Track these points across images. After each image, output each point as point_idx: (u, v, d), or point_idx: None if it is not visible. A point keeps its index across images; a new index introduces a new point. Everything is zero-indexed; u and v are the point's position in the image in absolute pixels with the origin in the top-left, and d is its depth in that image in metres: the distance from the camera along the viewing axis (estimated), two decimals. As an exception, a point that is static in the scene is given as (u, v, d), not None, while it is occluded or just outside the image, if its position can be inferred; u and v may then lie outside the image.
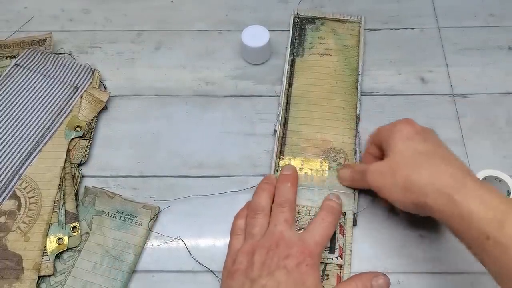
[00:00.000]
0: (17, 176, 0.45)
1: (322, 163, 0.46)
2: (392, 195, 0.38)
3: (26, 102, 0.49)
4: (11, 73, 0.51)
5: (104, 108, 0.50)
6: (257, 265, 0.36)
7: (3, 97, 0.50)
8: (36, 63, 0.52)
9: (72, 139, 0.48)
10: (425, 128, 0.41)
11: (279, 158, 0.46)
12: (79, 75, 0.52)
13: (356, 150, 0.47)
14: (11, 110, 0.49)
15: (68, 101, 0.50)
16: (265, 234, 0.38)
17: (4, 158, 0.46)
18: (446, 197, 0.34)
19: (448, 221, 0.34)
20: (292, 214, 0.39)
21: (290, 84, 0.51)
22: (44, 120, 0.48)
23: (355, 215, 0.43)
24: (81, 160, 0.47)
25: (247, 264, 0.36)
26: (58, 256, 0.41)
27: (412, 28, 0.56)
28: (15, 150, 0.46)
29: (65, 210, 0.43)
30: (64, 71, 0.52)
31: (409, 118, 0.42)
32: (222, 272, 0.38)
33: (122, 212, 0.44)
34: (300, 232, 0.38)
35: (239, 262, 0.37)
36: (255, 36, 0.51)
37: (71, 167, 0.46)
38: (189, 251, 0.42)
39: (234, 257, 0.37)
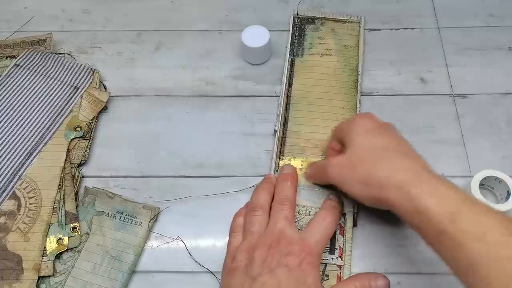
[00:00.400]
0: (17, 176, 0.45)
1: (322, 163, 0.46)
2: (352, 189, 0.38)
3: (26, 102, 0.49)
4: (11, 73, 0.51)
5: (104, 108, 0.50)
6: (257, 262, 0.35)
7: (3, 97, 0.50)
8: (36, 63, 0.52)
9: (72, 139, 0.48)
10: (385, 122, 0.41)
11: (279, 158, 0.47)
12: (79, 75, 0.52)
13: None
14: (11, 110, 0.49)
15: (68, 101, 0.50)
16: (265, 231, 0.38)
17: (4, 158, 0.46)
18: (403, 191, 0.34)
19: (405, 215, 0.34)
20: (292, 212, 0.40)
21: (290, 84, 0.51)
22: (44, 120, 0.48)
23: (355, 215, 0.43)
24: (81, 160, 0.47)
25: (247, 262, 0.36)
26: (58, 256, 0.41)
27: (412, 28, 0.56)
28: (15, 150, 0.46)
29: (65, 211, 0.43)
30: (64, 71, 0.52)
31: (369, 112, 0.42)
32: (222, 271, 0.38)
33: (122, 213, 0.44)
34: (301, 230, 0.39)
35: (238, 260, 0.36)
36: (255, 36, 0.51)
37: (71, 167, 0.46)
38: (189, 252, 0.42)
39: (233, 255, 0.37)
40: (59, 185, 0.44)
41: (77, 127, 0.48)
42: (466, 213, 0.31)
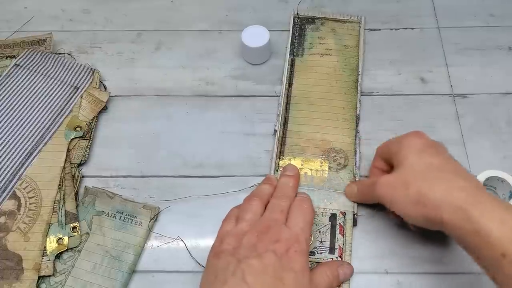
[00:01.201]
0: (17, 176, 0.45)
1: (322, 163, 0.46)
2: (403, 209, 0.37)
3: (26, 102, 0.49)
4: (11, 73, 0.51)
5: (104, 108, 0.50)
6: (245, 246, 0.35)
7: (3, 97, 0.50)
8: (36, 63, 0.52)
9: (72, 139, 0.48)
10: (436, 141, 0.41)
11: (279, 158, 0.47)
12: (79, 75, 0.52)
13: (356, 150, 0.47)
14: (11, 110, 0.49)
15: (68, 101, 0.50)
16: (259, 220, 0.38)
17: (4, 158, 0.46)
18: (462, 212, 0.33)
19: (462, 237, 0.34)
20: (288, 208, 0.39)
21: (290, 84, 0.51)
22: (44, 120, 0.48)
23: (355, 215, 0.43)
24: (81, 160, 0.47)
25: (235, 245, 0.36)
26: (58, 256, 0.41)
27: (412, 28, 0.56)
28: (15, 150, 0.46)
29: (65, 210, 0.43)
30: (64, 71, 0.52)
31: (419, 131, 0.41)
32: (208, 253, 0.38)
33: (122, 212, 0.44)
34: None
35: (227, 243, 0.36)
36: (255, 36, 0.51)
37: (71, 167, 0.46)
38: (189, 252, 0.42)
39: (222, 239, 0.37)
40: (59, 185, 0.44)
41: (77, 127, 0.48)
42: None
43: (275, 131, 0.48)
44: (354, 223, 0.43)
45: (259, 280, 0.33)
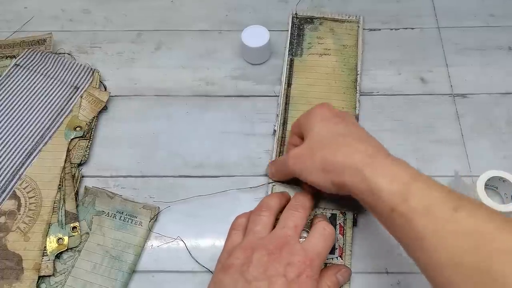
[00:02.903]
0: (17, 176, 0.45)
1: (322, 163, 0.46)
2: (312, 177, 0.38)
3: (26, 102, 0.49)
4: (11, 73, 0.51)
5: (104, 108, 0.50)
6: (255, 265, 0.34)
7: (3, 97, 0.50)
8: (36, 63, 0.52)
9: (72, 139, 0.48)
10: (342, 111, 0.42)
11: (279, 158, 0.46)
12: (79, 75, 0.52)
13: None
14: (11, 110, 0.49)
15: (68, 101, 0.50)
16: (270, 234, 0.36)
17: (4, 158, 0.46)
18: (359, 173, 0.35)
19: (361, 197, 0.35)
20: (303, 222, 0.38)
21: (289, 84, 0.51)
22: (44, 120, 0.48)
23: (355, 215, 0.43)
24: (81, 160, 0.47)
25: (244, 261, 0.34)
26: (58, 256, 0.41)
27: (412, 28, 0.56)
28: (15, 150, 0.46)
29: (65, 210, 0.43)
30: (64, 71, 0.52)
31: (326, 102, 0.42)
32: (216, 265, 0.37)
33: (122, 212, 0.44)
34: (303, 241, 0.37)
35: (235, 257, 0.35)
36: (255, 36, 0.51)
37: (71, 167, 0.46)
38: (189, 252, 0.42)
39: (230, 251, 0.36)
40: (59, 185, 0.44)
41: (77, 127, 0.48)
42: (415, 190, 0.32)
43: (275, 131, 0.48)
44: (354, 223, 0.43)
45: None
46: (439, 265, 0.30)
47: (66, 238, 0.42)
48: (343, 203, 0.43)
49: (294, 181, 0.43)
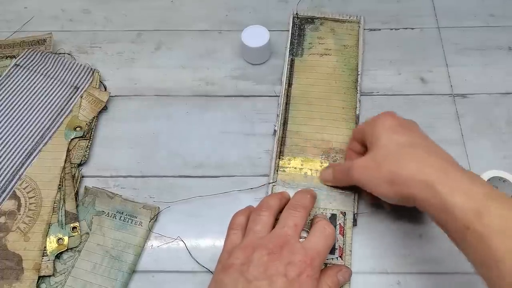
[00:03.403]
0: (17, 176, 0.45)
1: (322, 163, 0.46)
2: (378, 189, 0.38)
3: (26, 102, 0.49)
4: (11, 73, 0.51)
5: (104, 108, 0.50)
6: (255, 265, 0.34)
7: (3, 97, 0.50)
8: (36, 63, 0.52)
9: (72, 139, 0.48)
10: (408, 120, 0.41)
11: (279, 158, 0.46)
12: (79, 75, 0.52)
13: (356, 150, 0.47)
14: (11, 110, 0.49)
15: (68, 101, 0.50)
16: (270, 234, 0.36)
17: (4, 158, 0.46)
18: (429, 187, 0.34)
19: (431, 212, 0.34)
20: (303, 222, 0.38)
21: (289, 84, 0.51)
22: (44, 120, 0.48)
23: (355, 215, 0.43)
24: (81, 160, 0.47)
25: (244, 261, 0.34)
26: (58, 256, 0.41)
27: (412, 28, 0.56)
28: (15, 150, 0.46)
29: (65, 210, 0.43)
30: (64, 71, 0.52)
31: (391, 111, 0.41)
32: (216, 265, 0.37)
33: (122, 212, 0.44)
34: (303, 240, 0.37)
35: (235, 257, 0.35)
36: (255, 36, 0.51)
37: (71, 167, 0.46)
38: (189, 252, 0.42)
39: (231, 251, 0.36)
40: (59, 185, 0.44)
41: (77, 127, 0.48)
42: (492, 208, 0.31)
43: (275, 131, 0.48)
44: (354, 223, 0.43)
45: None
46: None
47: (66, 238, 0.42)
48: (343, 203, 0.43)
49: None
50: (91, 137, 0.48)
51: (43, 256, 0.41)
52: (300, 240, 0.37)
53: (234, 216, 0.40)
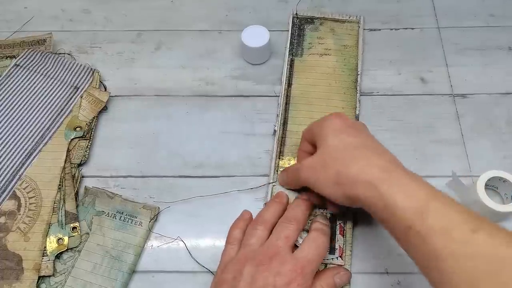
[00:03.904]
0: (17, 176, 0.45)
1: (322, 163, 0.46)
2: (325, 189, 0.37)
3: (26, 102, 0.49)
4: (11, 73, 0.51)
5: (104, 108, 0.50)
6: (245, 278, 0.34)
7: (3, 97, 0.50)
8: (36, 63, 0.52)
9: (72, 139, 0.48)
10: (356, 121, 0.41)
11: (279, 158, 0.46)
12: (79, 75, 0.52)
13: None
14: (11, 110, 0.49)
15: (68, 101, 0.50)
16: (262, 246, 0.37)
17: (4, 158, 0.46)
18: (372, 188, 0.34)
19: (375, 212, 0.34)
20: (296, 234, 0.38)
21: (289, 84, 0.51)
22: (44, 120, 0.48)
23: (355, 215, 0.43)
24: (81, 160, 0.47)
25: (235, 275, 0.35)
26: (58, 256, 0.41)
27: (412, 28, 0.56)
28: (15, 150, 0.46)
29: (65, 210, 0.43)
30: (64, 71, 0.52)
31: (340, 112, 0.42)
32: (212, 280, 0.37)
33: (122, 212, 0.44)
34: (295, 250, 0.37)
35: (227, 272, 0.36)
36: (255, 36, 0.51)
37: (71, 167, 0.46)
38: (189, 252, 0.42)
39: (224, 267, 0.37)
40: (59, 185, 0.44)
41: (77, 127, 0.48)
42: (433, 209, 0.31)
43: (275, 131, 0.48)
44: (354, 223, 0.43)
45: None
46: (455, 287, 0.29)
47: (66, 238, 0.42)
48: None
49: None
50: (91, 137, 0.48)
51: (43, 256, 0.41)
52: (299, 240, 0.37)
53: (231, 229, 0.40)
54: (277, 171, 0.46)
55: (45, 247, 0.41)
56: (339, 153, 0.37)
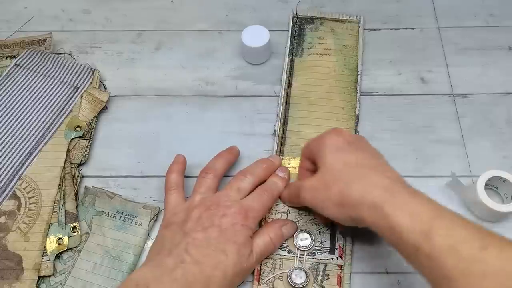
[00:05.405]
0: (17, 176, 0.45)
1: (322, 163, 0.46)
2: (329, 211, 0.37)
3: (26, 102, 0.49)
4: (11, 73, 0.51)
5: (104, 108, 0.50)
6: (193, 219, 0.38)
7: (3, 97, 0.50)
8: (36, 63, 0.52)
9: (72, 139, 0.48)
10: (356, 136, 0.41)
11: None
12: (79, 75, 0.52)
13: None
14: (11, 110, 0.49)
15: (68, 101, 0.50)
16: (214, 195, 0.40)
17: (4, 158, 0.46)
18: (378, 209, 0.33)
19: (382, 233, 0.34)
20: (249, 186, 0.41)
21: (289, 84, 0.51)
22: (44, 120, 0.48)
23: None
24: (81, 160, 0.47)
25: (184, 218, 0.38)
26: (58, 256, 0.41)
27: (412, 28, 0.56)
28: (15, 150, 0.46)
29: (65, 210, 0.43)
30: (64, 71, 0.52)
31: (338, 128, 0.41)
32: (160, 225, 0.41)
33: (122, 212, 0.44)
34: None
35: (177, 216, 0.39)
36: (255, 36, 0.51)
37: (71, 167, 0.46)
38: (189, 251, 0.42)
39: (174, 212, 0.40)
40: (59, 185, 0.44)
41: (77, 127, 0.48)
42: (440, 228, 0.31)
43: (275, 131, 0.48)
44: (354, 223, 0.43)
45: (201, 252, 0.35)
46: None
47: (66, 238, 0.42)
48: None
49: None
50: (91, 137, 0.48)
51: (43, 256, 0.41)
52: (299, 240, 0.40)
53: (167, 174, 0.43)
54: (277, 171, 0.46)
55: (45, 247, 0.41)
56: (340, 173, 0.37)
